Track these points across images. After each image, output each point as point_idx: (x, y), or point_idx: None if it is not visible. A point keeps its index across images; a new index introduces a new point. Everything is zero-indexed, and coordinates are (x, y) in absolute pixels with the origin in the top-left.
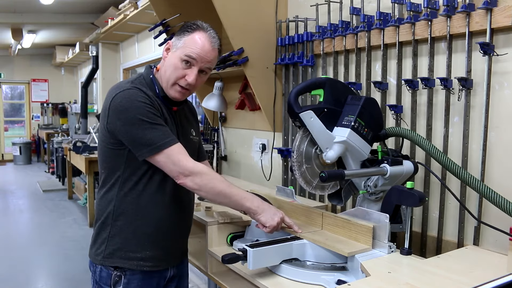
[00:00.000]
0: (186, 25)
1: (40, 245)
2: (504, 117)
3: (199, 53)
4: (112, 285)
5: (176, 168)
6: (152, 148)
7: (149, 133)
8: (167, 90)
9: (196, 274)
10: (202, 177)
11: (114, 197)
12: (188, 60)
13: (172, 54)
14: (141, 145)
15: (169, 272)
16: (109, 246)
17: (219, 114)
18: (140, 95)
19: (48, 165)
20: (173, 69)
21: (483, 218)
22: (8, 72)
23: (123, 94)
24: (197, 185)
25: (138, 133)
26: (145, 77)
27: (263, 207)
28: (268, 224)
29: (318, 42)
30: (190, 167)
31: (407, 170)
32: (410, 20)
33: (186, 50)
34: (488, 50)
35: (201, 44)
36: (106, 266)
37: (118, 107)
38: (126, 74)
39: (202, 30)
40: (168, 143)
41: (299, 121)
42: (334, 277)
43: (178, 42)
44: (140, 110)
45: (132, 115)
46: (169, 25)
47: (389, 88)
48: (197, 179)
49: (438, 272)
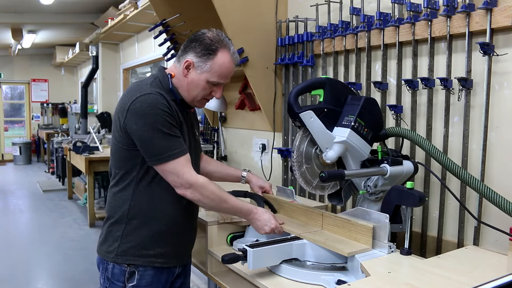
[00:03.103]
0: (206, 43)
1: (40, 245)
2: (504, 117)
3: (227, 75)
4: (125, 281)
5: (179, 180)
6: (160, 157)
7: (160, 143)
8: (191, 103)
9: (196, 274)
10: (203, 190)
11: (129, 196)
12: (217, 83)
13: (196, 75)
14: (150, 153)
15: (177, 269)
16: (123, 244)
17: (219, 114)
18: (161, 102)
19: (48, 165)
20: (200, 90)
21: (483, 218)
22: (8, 72)
23: (144, 99)
24: (197, 197)
25: (151, 140)
26: (161, 80)
27: (254, 218)
28: (260, 231)
29: (318, 42)
30: (193, 180)
31: (407, 170)
32: (410, 20)
33: (214, 75)
34: (488, 50)
35: (227, 66)
36: (119, 263)
37: (138, 111)
38: (126, 74)
39: (225, 48)
40: (176, 155)
41: (299, 121)
42: (334, 277)
43: (202, 64)
44: (158, 118)
45: (150, 122)
46: (169, 25)
47: (389, 88)
48: (197, 192)
49: (438, 272)
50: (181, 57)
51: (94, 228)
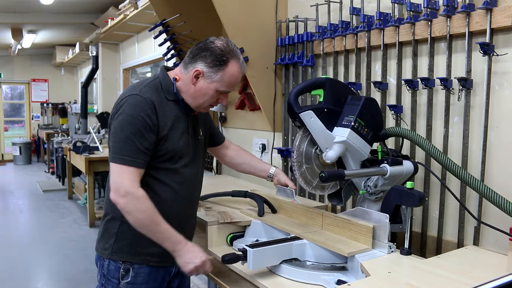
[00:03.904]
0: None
1: (40, 245)
2: (504, 117)
3: (235, 84)
4: (120, 278)
5: (118, 184)
6: (113, 156)
7: (119, 144)
8: (196, 109)
9: None
10: (137, 203)
11: None
12: (225, 92)
13: (206, 84)
14: (110, 149)
15: (174, 268)
16: (118, 241)
17: (219, 114)
18: (143, 105)
19: (48, 165)
20: (208, 98)
21: (483, 218)
22: (8, 72)
23: (128, 99)
24: (129, 208)
25: (114, 138)
26: (162, 81)
27: (180, 252)
28: (182, 268)
29: (318, 42)
30: (131, 190)
31: (407, 170)
32: (410, 20)
33: (224, 85)
34: (488, 50)
35: (237, 76)
36: (114, 260)
37: (121, 109)
38: (126, 74)
39: (235, 59)
40: (125, 162)
41: (299, 121)
42: (334, 277)
43: (213, 74)
44: (132, 120)
45: (122, 122)
46: (169, 25)
47: (389, 88)
48: (131, 203)
49: (438, 272)
50: (189, 64)
51: (94, 228)
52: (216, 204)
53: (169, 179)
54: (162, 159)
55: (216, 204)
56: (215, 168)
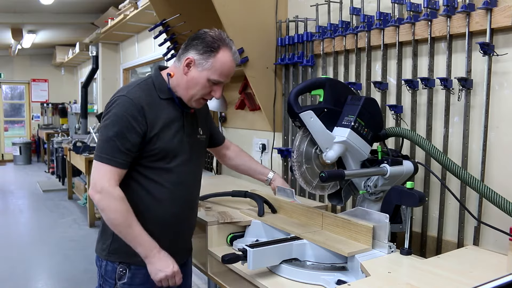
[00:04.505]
0: (207, 40)
1: (40, 245)
2: (504, 117)
3: (227, 74)
4: (117, 279)
5: (95, 181)
6: (96, 154)
7: (102, 142)
8: (188, 102)
9: (196, 274)
10: (111, 201)
11: None
12: (217, 82)
13: (197, 73)
14: (97, 145)
15: None
16: (115, 242)
17: (219, 114)
18: (128, 106)
19: (48, 165)
20: (200, 88)
21: (483, 218)
22: (8, 72)
23: (118, 100)
24: (103, 205)
25: (101, 137)
26: (154, 80)
27: (152, 259)
28: (152, 276)
29: (318, 42)
30: (106, 188)
31: (407, 170)
32: (410, 20)
33: (215, 73)
34: (488, 50)
35: (229, 65)
36: (111, 261)
37: (109, 109)
38: (126, 74)
39: (226, 47)
40: (107, 160)
41: (299, 121)
42: (334, 277)
43: (203, 62)
44: (118, 120)
45: (108, 122)
46: (169, 25)
47: (389, 88)
48: (105, 200)
49: (438, 272)
50: (181, 55)
51: (94, 228)
52: (216, 204)
53: (163, 179)
54: (155, 158)
55: (216, 204)
56: (215, 168)
